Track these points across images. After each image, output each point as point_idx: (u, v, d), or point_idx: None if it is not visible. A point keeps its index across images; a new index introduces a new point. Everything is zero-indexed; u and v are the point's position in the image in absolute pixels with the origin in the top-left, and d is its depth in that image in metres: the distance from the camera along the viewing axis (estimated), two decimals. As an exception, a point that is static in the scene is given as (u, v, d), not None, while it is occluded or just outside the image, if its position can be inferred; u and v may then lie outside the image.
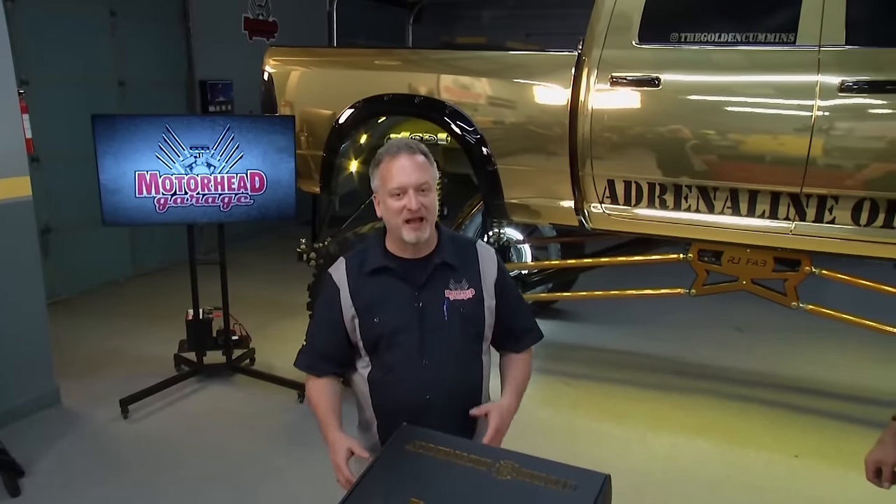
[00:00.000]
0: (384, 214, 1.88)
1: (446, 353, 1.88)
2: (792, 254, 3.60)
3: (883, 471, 1.89)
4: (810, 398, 4.25)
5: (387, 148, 1.89)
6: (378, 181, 1.87)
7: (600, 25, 3.58)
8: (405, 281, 1.88)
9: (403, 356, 1.87)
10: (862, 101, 3.11)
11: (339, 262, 1.97)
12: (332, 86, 4.23)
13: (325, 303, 1.95)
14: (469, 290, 1.91)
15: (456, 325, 1.88)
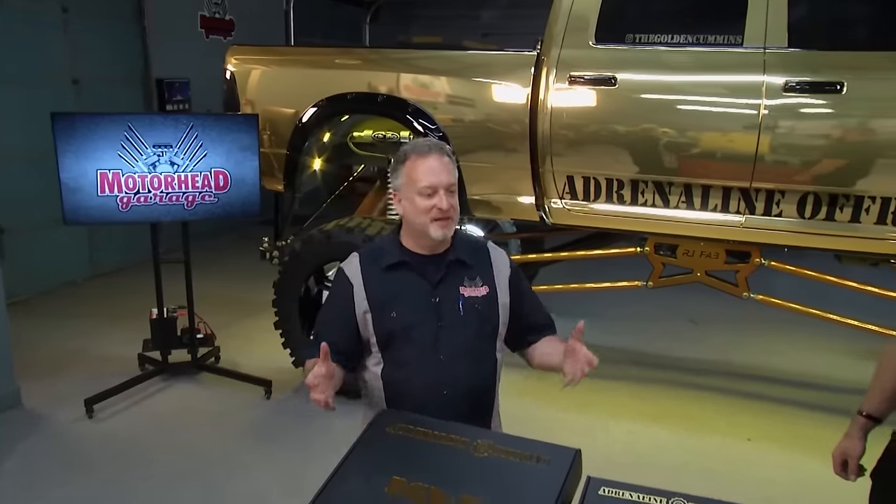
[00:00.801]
0: (408, 211, 1.87)
1: (461, 349, 1.89)
2: (743, 246, 3.75)
3: (849, 463, 1.94)
4: (762, 385, 4.43)
5: (413, 146, 1.89)
6: (404, 178, 1.86)
7: (558, 26, 3.67)
8: (422, 276, 1.89)
9: (418, 352, 1.87)
10: (804, 100, 3.27)
11: (351, 258, 1.96)
12: (294, 85, 4.25)
13: (336, 298, 1.95)
14: (483, 287, 1.93)
15: (471, 321, 1.90)
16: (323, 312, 2.05)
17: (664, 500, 1.35)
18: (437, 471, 1.45)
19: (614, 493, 1.37)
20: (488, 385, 1.98)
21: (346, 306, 1.89)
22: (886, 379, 1.92)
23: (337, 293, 1.96)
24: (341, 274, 1.95)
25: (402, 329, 1.86)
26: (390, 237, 1.98)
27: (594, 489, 1.38)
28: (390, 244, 1.95)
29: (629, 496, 1.36)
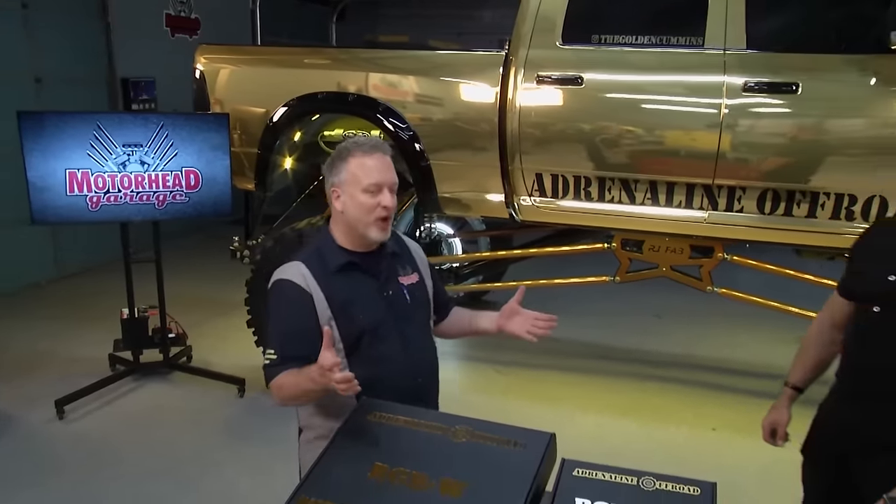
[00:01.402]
0: (350, 209, 1.85)
1: (420, 334, 1.96)
2: (706, 241, 3.86)
3: (777, 431, 2.16)
4: (725, 376, 4.56)
5: (357, 144, 1.87)
6: (347, 175, 1.84)
7: (525, 26, 3.74)
8: (370, 274, 1.90)
9: (388, 348, 1.88)
10: (762, 100, 3.38)
11: (296, 266, 1.87)
12: (264, 84, 4.26)
13: (293, 308, 1.84)
14: (414, 274, 2.00)
15: (417, 307, 1.97)
16: (280, 328, 1.88)
17: (635, 478, 1.43)
18: (417, 456, 1.51)
19: (588, 474, 1.44)
20: (437, 364, 2.06)
21: (310, 316, 1.82)
22: (808, 354, 2.16)
23: (292, 305, 1.84)
24: (290, 284, 1.84)
25: (370, 328, 1.87)
26: (325, 240, 1.93)
27: (569, 470, 1.44)
28: (329, 247, 1.91)
29: (601, 476, 1.43)
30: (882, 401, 1.88)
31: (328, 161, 1.91)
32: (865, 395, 1.93)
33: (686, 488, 1.41)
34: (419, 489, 1.41)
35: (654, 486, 1.41)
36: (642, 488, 1.41)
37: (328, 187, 1.91)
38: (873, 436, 1.90)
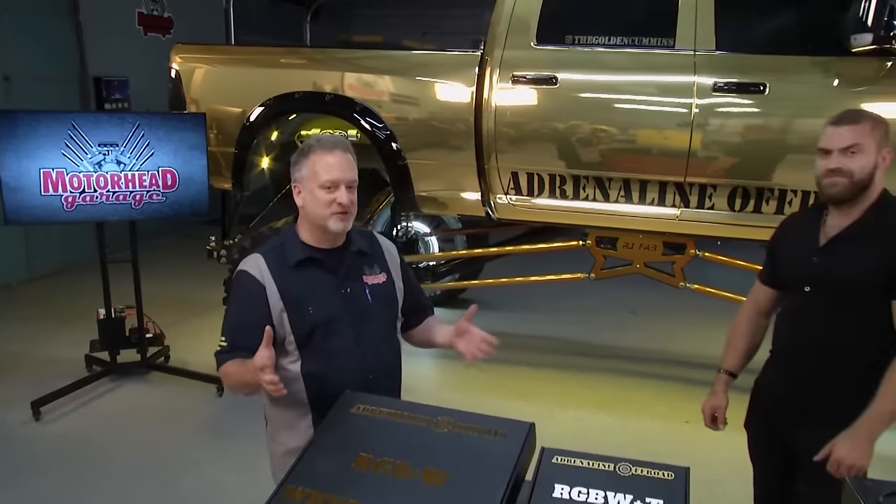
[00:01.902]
0: (309, 204, 1.90)
1: (377, 333, 1.98)
2: (679, 238, 3.95)
3: (717, 416, 2.28)
4: (698, 371, 4.63)
5: (319, 141, 1.92)
6: (307, 171, 1.89)
7: (500, 27, 3.79)
8: (329, 270, 1.93)
9: (340, 343, 1.91)
10: (731, 99, 3.47)
11: (254, 259, 1.93)
12: (240, 84, 4.27)
13: (246, 300, 1.91)
14: (381, 274, 2.02)
15: (379, 306, 1.99)
16: (233, 318, 1.97)
17: (611, 465, 1.48)
18: (401, 446, 1.54)
19: (566, 461, 1.48)
20: (398, 364, 2.09)
21: (261, 307, 1.87)
22: (738, 342, 2.31)
23: (245, 295, 1.90)
24: (246, 275, 1.90)
25: (322, 323, 1.90)
26: (289, 234, 1.99)
27: (548, 458, 1.49)
28: (291, 241, 1.96)
29: (580, 463, 1.48)
30: (811, 372, 2.07)
31: (293, 157, 1.95)
32: (796, 368, 2.11)
33: (661, 473, 1.46)
34: (402, 478, 1.45)
35: (630, 471, 1.46)
36: (619, 474, 1.46)
37: (292, 183, 1.96)
38: (804, 405, 2.08)
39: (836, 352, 2.01)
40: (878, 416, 1.88)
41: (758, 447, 2.29)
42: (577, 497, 1.40)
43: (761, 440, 2.27)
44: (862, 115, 2.01)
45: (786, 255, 2.18)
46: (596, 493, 1.41)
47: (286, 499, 1.43)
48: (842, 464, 1.88)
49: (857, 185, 1.94)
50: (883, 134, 1.97)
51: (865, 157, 1.93)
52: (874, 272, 1.92)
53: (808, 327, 2.08)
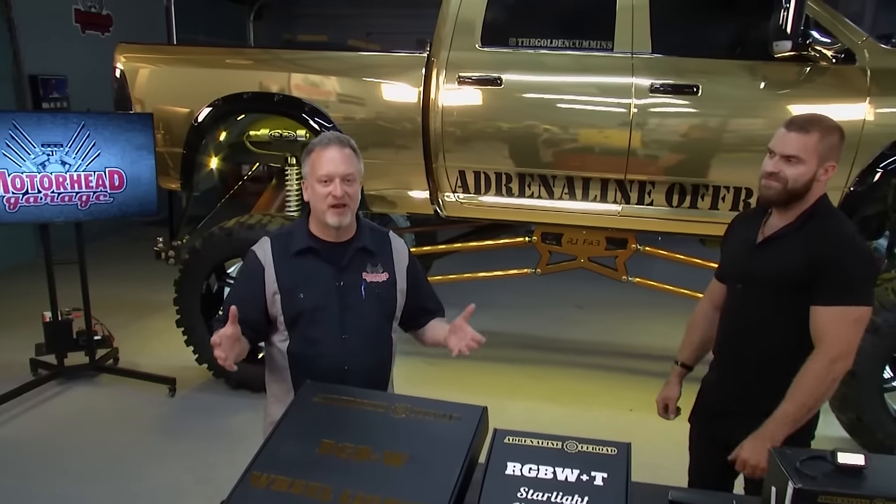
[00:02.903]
0: (311, 198, 2.03)
1: (363, 328, 2.06)
2: (620, 233, 4.11)
3: (669, 406, 2.39)
4: (641, 361, 4.83)
5: (319, 139, 2.06)
6: (308, 168, 2.03)
7: (446, 29, 3.88)
8: (328, 262, 2.04)
9: (324, 331, 2.02)
10: (667, 100, 3.64)
11: (263, 241, 2.10)
12: (187, 84, 4.23)
13: (247, 277, 2.08)
14: (384, 273, 2.11)
15: (372, 303, 2.07)
16: (233, 290, 2.17)
17: (559, 443, 1.58)
18: (362, 432, 1.62)
19: (517, 441, 1.58)
20: (385, 361, 2.19)
21: (257, 286, 2.03)
22: (693, 335, 2.39)
23: (248, 273, 2.08)
24: (253, 256, 2.08)
25: (309, 310, 2.02)
26: (300, 224, 2.12)
27: (500, 438, 1.58)
28: (300, 231, 2.10)
29: (530, 442, 1.58)
30: (741, 370, 2.14)
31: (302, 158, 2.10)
32: (728, 366, 2.20)
33: (604, 449, 1.57)
34: (364, 461, 1.52)
35: (577, 448, 1.57)
36: (566, 451, 1.56)
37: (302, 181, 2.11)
38: (736, 401, 2.16)
39: (761, 351, 2.07)
40: (782, 419, 1.94)
41: (696, 441, 2.36)
42: (528, 473, 1.50)
43: (699, 433, 2.34)
44: (813, 124, 1.97)
45: (729, 251, 2.25)
46: (545, 469, 1.51)
47: (252, 485, 1.48)
48: (746, 464, 1.97)
49: (789, 193, 1.97)
50: (831, 146, 1.96)
51: (805, 167, 1.94)
52: (795, 272, 1.95)
53: (738, 325, 2.14)
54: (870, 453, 1.45)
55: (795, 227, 2.00)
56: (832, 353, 1.92)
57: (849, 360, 1.96)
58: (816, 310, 1.94)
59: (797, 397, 1.94)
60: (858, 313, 1.93)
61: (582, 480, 1.48)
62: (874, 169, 3.44)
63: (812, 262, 1.93)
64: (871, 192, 3.50)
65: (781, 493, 1.43)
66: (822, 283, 1.92)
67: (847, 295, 1.91)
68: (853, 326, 1.93)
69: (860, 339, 1.96)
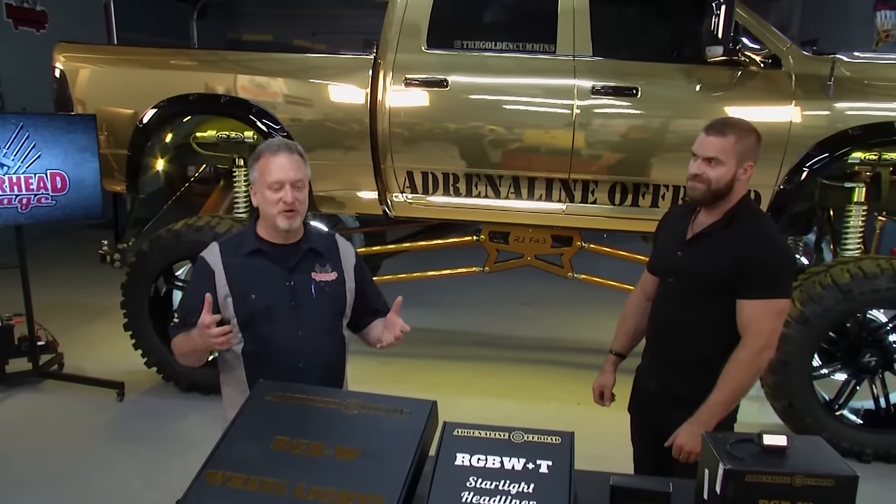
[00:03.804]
0: (261, 203, 2.07)
1: (315, 326, 2.12)
2: (565, 231, 4.21)
3: (604, 393, 2.50)
4: (588, 356, 4.93)
5: (267, 145, 2.09)
6: (257, 174, 2.06)
7: (392, 31, 3.92)
8: (277, 263, 2.09)
9: (278, 331, 2.07)
10: (608, 101, 3.75)
11: (212, 246, 2.13)
12: (131, 85, 4.18)
13: (198, 283, 2.10)
14: (333, 273, 2.16)
15: (322, 302, 2.13)
16: (186, 298, 2.20)
17: (506, 433, 1.65)
18: (315, 428, 1.66)
19: (466, 433, 1.65)
20: (338, 357, 2.24)
21: (208, 290, 2.04)
22: (626, 325, 2.50)
23: (199, 279, 2.11)
24: (202, 261, 2.11)
25: (262, 310, 2.06)
26: (248, 228, 2.17)
27: (450, 431, 1.65)
28: (248, 234, 2.14)
29: (478, 434, 1.64)
30: (669, 359, 2.27)
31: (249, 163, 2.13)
32: (658, 355, 2.32)
33: (549, 438, 1.64)
34: (317, 456, 1.57)
35: (523, 438, 1.64)
36: (513, 441, 1.63)
37: (250, 186, 2.14)
38: (665, 389, 2.28)
39: (689, 342, 2.19)
40: (714, 406, 2.08)
41: (635, 428, 2.47)
42: (477, 463, 1.56)
43: (637, 422, 2.45)
44: (729, 127, 2.10)
45: (660, 245, 2.37)
46: (493, 458, 1.57)
47: (208, 482, 1.51)
48: (682, 450, 2.11)
49: (713, 193, 2.10)
50: (748, 147, 2.09)
51: (724, 168, 2.07)
52: (721, 271, 2.08)
53: (668, 316, 2.27)
54: (792, 434, 1.55)
55: (722, 225, 2.13)
56: (758, 344, 2.05)
57: (773, 349, 2.10)
58: (742, 303, 2.08)
59: (727, 385, 2.07)
60: (780, 305, 2.08)
61: (528, 468, 1.55)
62: (801, 168, 3.62)
63: (736, 260, 2.06)
64: (799, 190, 3.69)
65: (713, 475, 1.52)
66: (746, 278, 2.05)
67: (769, 289, 2.05)
68: (775, 317, 2.07)
69: (781, 328, 2.11)
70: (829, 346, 3.72)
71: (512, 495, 1.48)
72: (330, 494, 1.47)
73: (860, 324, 3.67)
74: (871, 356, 3.61)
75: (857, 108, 3.58)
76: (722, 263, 2.09)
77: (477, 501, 1.47)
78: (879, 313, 3.75)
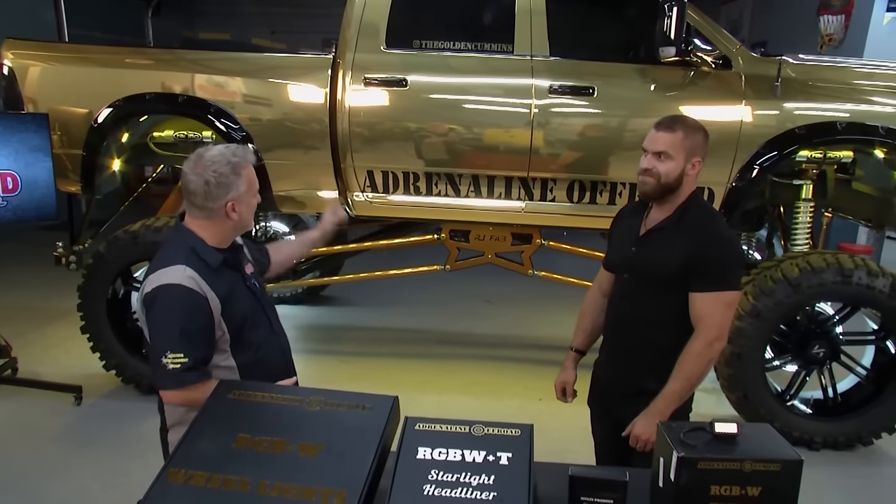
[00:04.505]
0: (244, 215, 2.03)
1: (276, 316, 2.19)
2: (525, 229, 4.26)
3: (566, 389, 2.55)
4: (549, 352, 5.00)
5: (243, 155, 2.01)
6: (244, 185, 1.99)
7: (351, 31, 3.92)
8: (235, 269, 2.10)
9: (262, 332, 2.10)
10: (565, 101, 3.81)
11: (185, 271, 1.92)
12: (85, 83, 4.10)
13: (192, 314, 1.92)
14: (247, 264, 2.20)
15: (265, 290, 2.21)
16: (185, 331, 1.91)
17: (467, 427, 1.68)
18: (277, 425, 1.67)
19: (428, 427, 1.67)
20: None
21: (206, 317, 1.94)
22: (584, 321, 2.56)
23: (192, 308, 1.92)
24: (186, 290, 1.90)
25: (248, 316, 2.07)
26: (194, 240, 2.00)
27: (411, 425, 1.67)
28: (202, 247, 2.00)
29: (439, 427, 1.67)
30: (627, 352, 2.34)
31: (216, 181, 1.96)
32: (615, 348, 2.39)
33: (509, 431, 1.68)
34: (280, 453, 1.58)
35: (483, 431, 1.67)
36: (473, 434, 1.66)
37: (221, 203, 1.98)
38: (622, 382, 2.34)
39: (646, 336, 2.26)
40: (669, 396, 2.15)
41: (595, 421, 2.53)
42: (438, 457, 1.59)
43: (596, 415, 2.51)
44: (677, 123, 2.18)
45: (614, 242, 2.43)
46: (454, 451, 1.60)
47: (170, 481, 1.51)
48: (639, 439, 2.17)
49: (663, 187, 2.18)
50: (696, 143, 2.16)
51: (673, 163, 2.15)
52: (673, 265, 2.14)
53: (624, 311, 2.33)
54: (742, 422, 1.61)
55: (673, 220, 2.20)
56: (710, 335, 2.12)
57: (724, 340, 2.17)
58: (694, 296, 2.14)
59: (681, 376, 2.14)
60: (730, 297, 2.14)
61: (488, 461, 1.58)
62: (752, 166, 3.73)
63: (688, 254, 2.12)
64: (750, 187, 3.80)
65: (668, 462, 1.57)
66: (698, 272, 2.12)
67: (719, 282, 2.12)
68: (726, 309, 2.14)
69: (732, 320, 2.18)
70: (781, 338, 3.84)
71: (473, 487, 1.52)
72: (293, 490, 1.48)
73: (809, 316, 3.79)
74: (820, 348, 3.74)
75: (802, 108, 3.70)
76: (674, 258, 2.15)
77: (438, 494, 1.50)
78: (827, 306, 3.88)
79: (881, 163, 3.88)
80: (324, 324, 5.53)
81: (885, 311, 3.61)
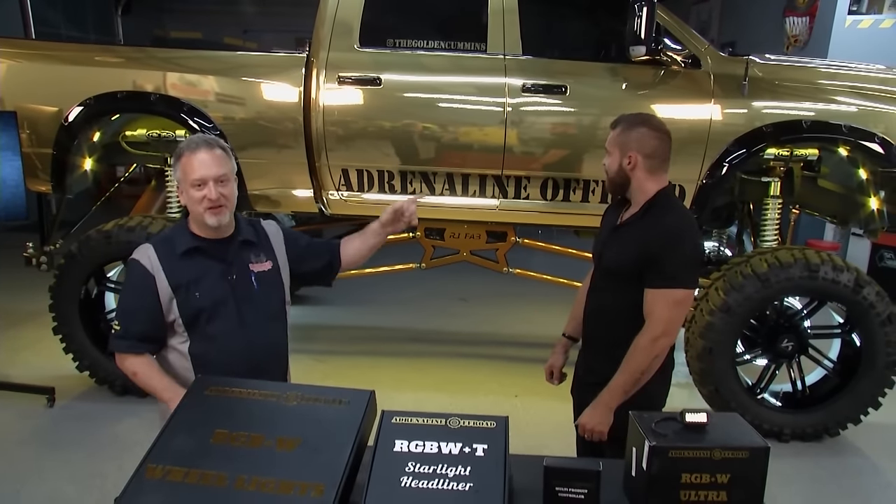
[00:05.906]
0: (188, 202, 2.07)
1: (262, 317, 2.15)
2: (500, 227, 4.30)
3: (554, 372, 2.62)
4: (524, 349, 5.06)
5: (187, 143, 2.08)
6: (180, 173, 2.06)
7: (324, 30, 3.92)
8: (215, 258, 2.10)
9: (225, 326, 2.08)
10: (538, 99, 3.85)
11: (145, 249, 2.09)
12: (54, 82, 4.05)
13: (137, 289, 2.07)
14: (268, 262, 2.19)
15: (265, 292, 2.17)
16: (125, 304, 2.14)
17: (443, 420, 1.70)
18: (254, 420, 1.68)
19: (404, 420, 1.69)
20: (284, 343, 2.29)
21: (151, 296, 2.04)
22: (575, 309, 2.61)
23: (137, 284, 2.07)
24: (138, 266, 2.07)
25: (208, 307, 2.06)
26: (179, 226, 2.16)
27: (388, 419, 1.69)
28: (180, 232, 2.13)
29: (416, 420, 1.69)
30: (595, 343, 2.40)
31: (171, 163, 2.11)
32: (587, 340, 2.46)
33: (484, 423, 1.70)
34: (257, 447, 1.59)
35: (459, 424, 1.69)
36: (449, 427, 1.68)
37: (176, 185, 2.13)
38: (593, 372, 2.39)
39: (609, 328, 2.32)
40: (615, 388, 2.20)
41: (575, 411, 2.54)
42: (415, 449, 1.61)
43: (576, 404, 2.53)
44: (620, 121, 2.26)
45: (597, 235, 2.51)
46: (431, 444, 1.62)
47: (147, 477, 1.52)
48: (584, 428, 2.24)
49: (611, 182, 2.28)
50: (630, 138, 2.21)
51: (611, 158, 2.24)
52: (630, 260, 2.21)
53: (594, 303, 2.40)
54: (711, 412, 1.65)
55: (638, 217, 2.26)
56: (656, 331, 2.16)
57: (671, 337, 2.20)
58: (646, 291, 2.20)
59: (627, 369, 2.20)
60: (678, 295, 2.17)
61: (464, 452, 1.61)
62: (722, 164, 3.80)
63: (642, 251, 2.17)
64: (720, 184, 3.87)
65: (640, 452, 1.61)
66: (650, 269, 2.17)
67: (669, 279, 2.15)
68: (673, 307, 2.17)
69: (681, 318, 2.22)
70: (751, 332, 3.92)
71: (449, 478, 1.54)
72: (271, 484, 1.50)
73: (778, 311, 3.87)
74: (789, 341, 3.82)
75: (769, 106, 3.77)
76: (631, 253, 2.20)
77: (415, 485, 1.52)
78: (795, 300, 3.96)
79: (844, 160, 3.97)
80: (298, 323, 5.49)
81: (850, 304, 3.70)
